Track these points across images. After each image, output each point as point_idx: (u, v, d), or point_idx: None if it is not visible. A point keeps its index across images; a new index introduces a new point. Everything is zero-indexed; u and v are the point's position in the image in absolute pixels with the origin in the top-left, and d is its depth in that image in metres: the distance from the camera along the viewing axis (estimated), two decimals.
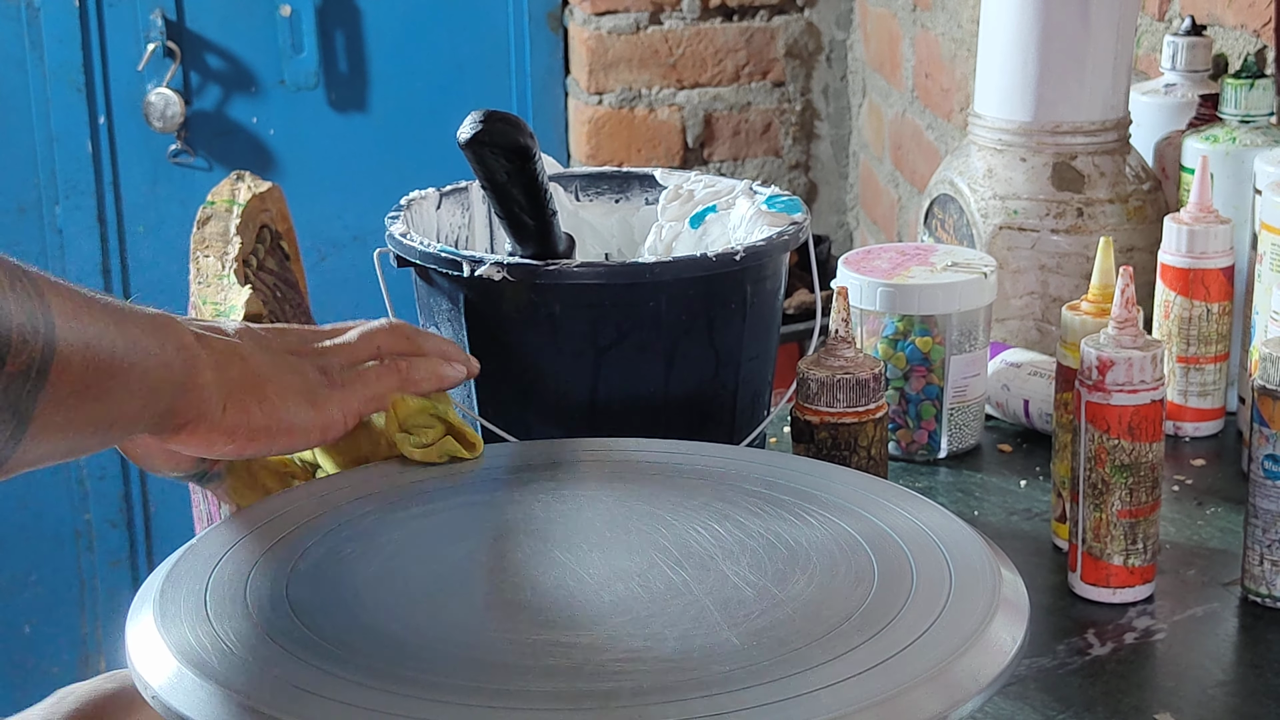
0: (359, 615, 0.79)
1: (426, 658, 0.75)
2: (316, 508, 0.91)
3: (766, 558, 0.85)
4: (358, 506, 0.92)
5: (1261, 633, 1.03)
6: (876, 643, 0.76)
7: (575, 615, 0.79)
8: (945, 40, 2.23)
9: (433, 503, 0.93)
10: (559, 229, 1.17)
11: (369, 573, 0.84)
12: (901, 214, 2.46)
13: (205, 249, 1.45)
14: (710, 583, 0.82)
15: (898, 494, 0.92)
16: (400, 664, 0.75)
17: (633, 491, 0.93)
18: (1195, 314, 1.28)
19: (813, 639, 0.76)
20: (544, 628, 0.78)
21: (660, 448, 1.00)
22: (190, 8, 2.60)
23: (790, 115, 2.71)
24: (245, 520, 0.90)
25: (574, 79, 2.69)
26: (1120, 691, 0.96)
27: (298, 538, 0.88)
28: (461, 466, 0.98)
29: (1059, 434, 1.10)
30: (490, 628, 0.79)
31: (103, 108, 2.62)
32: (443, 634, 0.78)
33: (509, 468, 0.98)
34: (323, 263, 2.69)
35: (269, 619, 0.79)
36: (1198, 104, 1.44)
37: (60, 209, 2.64)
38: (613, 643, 0.77)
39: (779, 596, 0.81)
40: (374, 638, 0.77)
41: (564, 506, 0.92)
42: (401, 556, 0.86)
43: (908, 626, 0.77)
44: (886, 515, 0.89)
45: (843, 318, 1.07)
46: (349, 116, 2.68)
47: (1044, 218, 1.37)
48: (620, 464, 0.98)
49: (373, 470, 0.96)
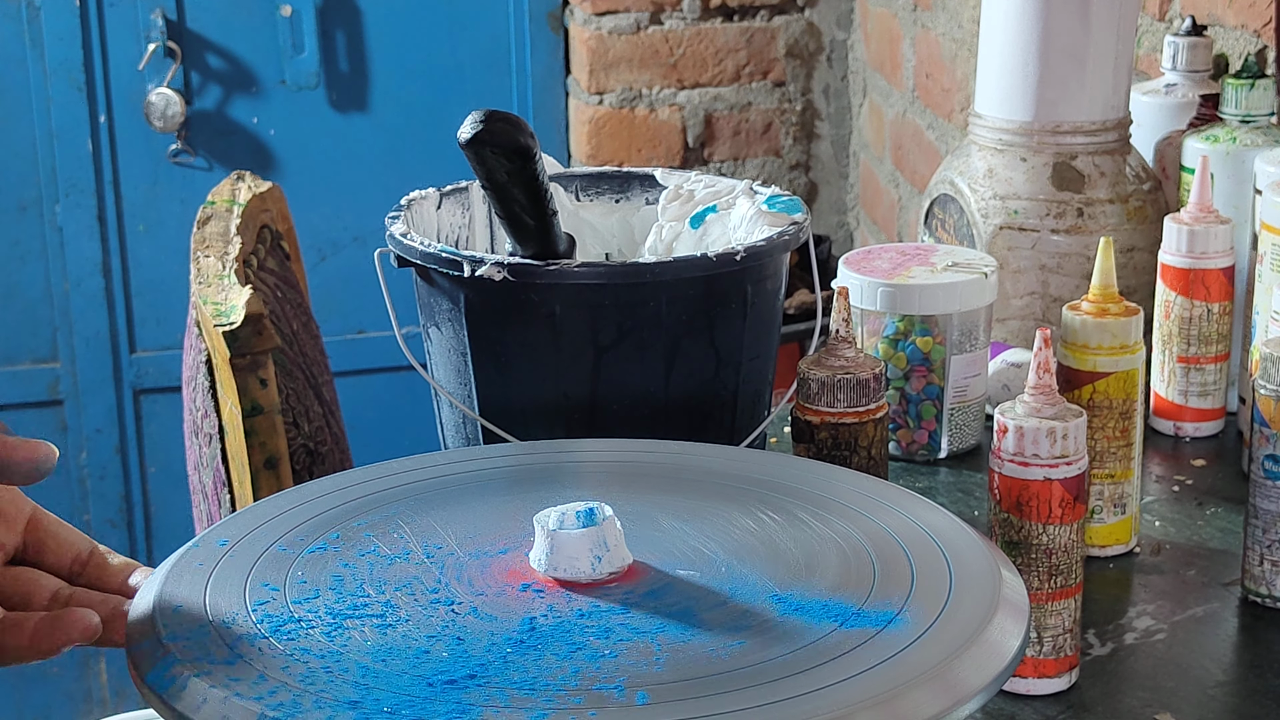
0: (359, 615, 0.79)
1: (426, 658, 0.75)
2: (316, 509, 0.91)
3: (766, 558, 0.85)
4: (356, 508, 0.92)
5: (1261, 633, 1.03)
6: (876, 643, 0.75)
7: (575, 615, 0.80)
8: (946, 40, 2.22)
9: (433, 505, 0.93)
10: (559, 229, 1.17)
11: (369, 573, 0.84)
12: (902, 214, 2.46)
13: (206, 249, 1.45)
14: (710, 583, 0.82)
15: (898, 494, 0.92)
16: (400, 664, 0.75)
17: (632, 492, 0.93)
18: (1195, 314, 1.28)
19: (813, 639, 0.76)
20: (544, 627, 0.78)
21: (660, 448, 1.00)
22: (191, 7, 2.60)
23: (791, 115, 2.71)
24: (246, 520, 0.90)
25: (574, 79, 2.69)
26: (1120, 691, 0.96)
27: (298, 538, 0.88)
28: (462, 467, 0.98)
29: None
30: (490, 628, 0.79)
31: (103, 107, 2.62)
32: (442, 634, 0.78)
33: (509, 468, 0.98)
34: (323, 263, 2.69)
35: (269, 619, 0.79)
36: (1198, 104, 1.44)
37: (60, 208, 2.64)
38: (612, 643, 0.77)
39: (779, 597, 0.81)
40: (374, 638, 0.77)
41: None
42: (402, 557, 0.86)
43: (908, 626, 0.77)
44: (886, 515, 0.89)
45: (843, 318, 1.07)
46: (349, 116, 2.68)
47: (1044, 218, 1.37)
48: (620, 464, 0.98)
49: (371, 472, 0.96)
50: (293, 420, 1.45)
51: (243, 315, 1.29)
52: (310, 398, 1.53)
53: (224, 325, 1.29)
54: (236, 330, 1.28)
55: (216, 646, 0.76)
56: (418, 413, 2.21)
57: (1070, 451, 0.93)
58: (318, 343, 1.64)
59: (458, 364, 1.16)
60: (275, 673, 0.74)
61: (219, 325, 1.29)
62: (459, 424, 1.19)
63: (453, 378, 1.17)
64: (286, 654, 0.76)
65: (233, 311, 1.31)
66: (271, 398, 1.30)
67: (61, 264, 2.66)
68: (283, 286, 1.59)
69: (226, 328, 1.29)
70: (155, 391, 2.73)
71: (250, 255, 1.53)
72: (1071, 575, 0.95)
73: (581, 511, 0.83)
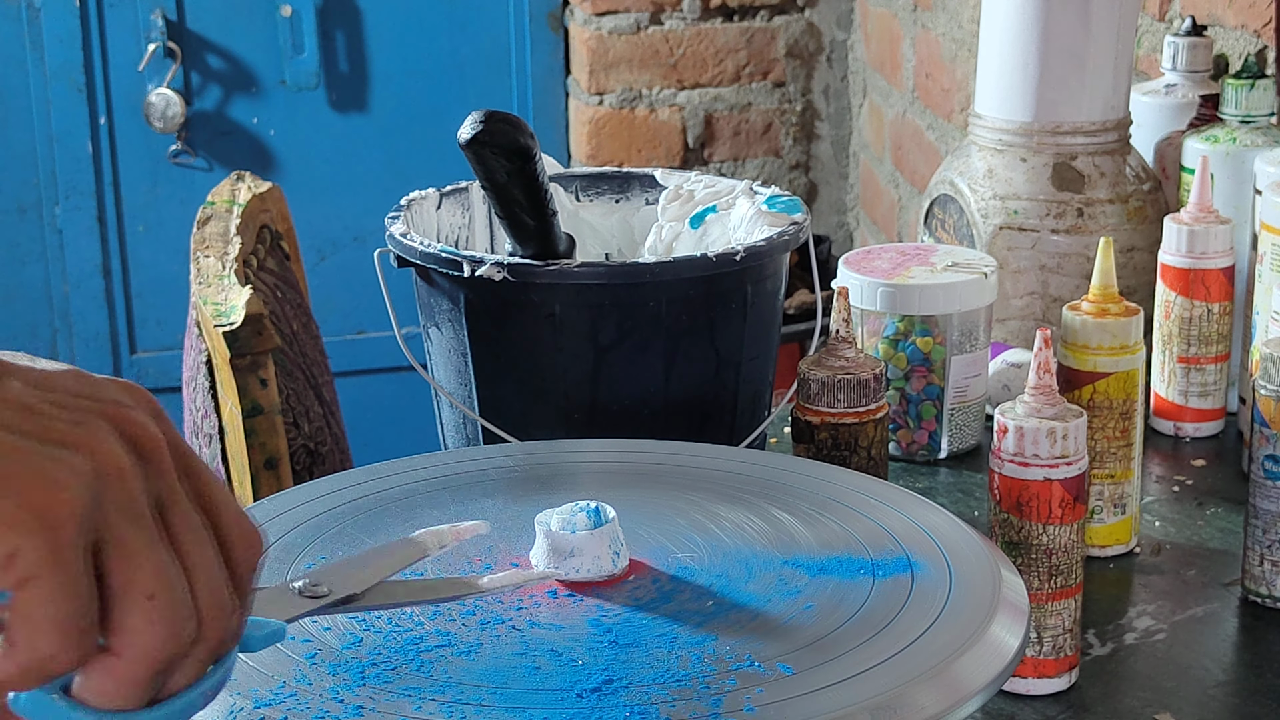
0: (359, 616, 0.79)
1: (426, 658, 0.75)
2: (316, 509, 0.91)
3: (766, 558, 0.85)
4: (356, 508, 0.92)
5: (1261, 633, 1.03)
6: (876, 643, 0.75)
7: (574, 615, 0.79)
8: (946, 40, 2.22)
9: (433, 505, 0.93)
10: (559, 229, 1.17)
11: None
12: (902, 214, 2.46)
13: (206, 249, 1.45)
14: (710, 583, 0.82)
15: (898, 494, 0.92)
16: (400, 664, 0.74)
17: (632, 492, 0.93)
18: (1196, 314, 1.28)
19: (812, 639, 0.76)
20: (614, 627, 0.78)
21: (660, 448, 1.00)
22: (191, 8, 2.60)
23: (791, 115, 2.71)
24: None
25: (574, 79, 2.69)
26: (1120, 691, 0.96)
27: (298, 538, 0.88)
28: (462, 467, 0.97)
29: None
30: (560, 637, 0.78)
31: (103, 108, 2.62)
32: (442, 634, 0.78)
33: (509, 468, 0.98)
34: (323, 263, 2.69)
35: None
36: (1198, 104, 1.44)
37: (60, 209, 2.64)
38: (530, 643, 0.76)
39: (779, 597, 0.81)
40: (374, 638, 0.77)
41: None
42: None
43: (908, 626, 0.77)
44: (886, 515, 0.89)
45: (843, 318, 1.07)
46: (349, 117, 2.68)
47: (1044, 218, 1.37)
48: (620, 464, 0.98)
49: (371, 472, 0.96)
50: (293, 420, 1.45)
51: (243, 315, 1.29)
52: (310, 398, 1.53)
53: (224, 325, 1.29)
54: (236, 330, 1.28)
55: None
56: (418, 413, 2.21)
57: (1070, 451, 0.93)
58: (318, 343, 1.64)
59: (458, 364, 1.16)
60: (276, 673, 0.74)
61: (219, 325, 1.29)
62: (459, 424, 1.19)
63: (453, 378, 1.17)
64: (287, 654, 0.75)
65: (233, 312, 1.31)
66: (271, 398, 1.30)
67: (61, 265, 2.66)
68: (282, 287, 1.59)
69: (226, 328, 1.29)
70: (156, 392, 2.69)
71: (250, 255, 1.53)
72: (1071, 575, 0.95)
73: (590, 510, 0.83)
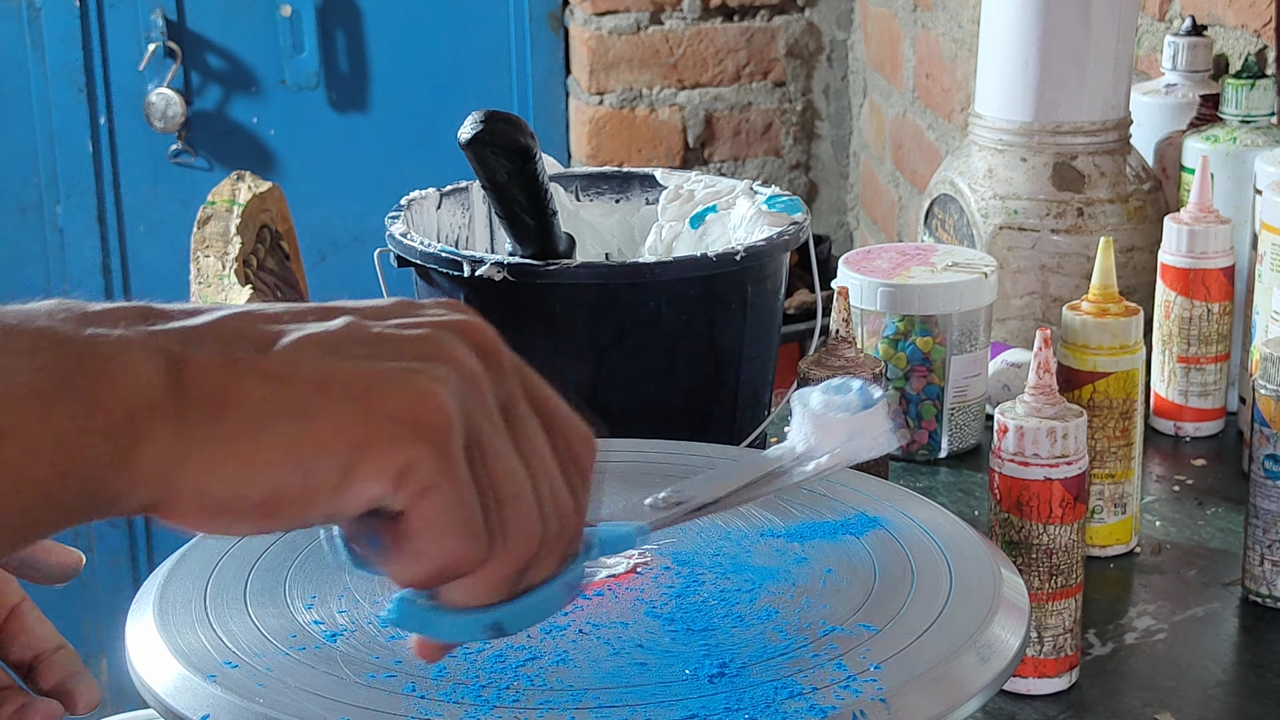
0: (359, 616, 0.79)
1: (526, 672, 0.74)
2: None
3: (766, 558, 0.85)
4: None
5: (1262, 633, 1.03)
6: (876, 643, 0.75)
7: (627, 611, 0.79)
8: (946, 40, 2.22)
9: None
10: (559, 229, 1.17)
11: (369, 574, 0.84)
12: (902, 214, 2.46)
13: (206, 249, 1.45)
14: (709, 583, 0.82)
15: (898, 494, 0.92)
16: (400, 664, 0.74)
17: (632, 492, 0.93)
18: (1196, 314, 1.28)
19: (812, 639, 0.76)
20: (672, 615, 0.78)
21: (660, 448, 1.00)
22: (191, 8, 2.60)
23: (791, 115, 2.71)
24: None
25: (575, 79, 2.69)
26: (1120, 691, 0.96)
27: (299, 537, 0.88)
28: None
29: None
30: (559, 635, 0.78)
31: (103, 108, 2.62)
32: (520, 648, 0.77)
33: None
34: (323, 263, 2.69)
35: (269, 619, 0.79)
36: (1198, 104, 1.44)
37: (61, 209, 2.64)
38: (611, 643, 0.76)
39: (779, 597, 0.81)
40: (374, 638, 0.77)
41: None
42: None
43: (908, 626, 0.77)
44: (886, 515, 0.89)
45: (843, 318, 1.07)
46: (349, 116, 2.68)
47: (1044, 218, 1.37)
48: (620, 464, 0.98)
49: None
50: None
51: None
52: None
53: None
54: None
55: (216, 646, 0.76)
56: None
57: (1070, 451, 0.93)
58: None
59: None
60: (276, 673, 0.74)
61: None
62: None
63: None
64: (287, 654, 0.75)
65: None
66: None
67: (62, 265, 2.66)
68: (283, 286, 1.59)
69: None
70: None
71: (250, 255, 1.53)
72: (1072, 575, 0.95)
73: (857, 387, 0.75)
